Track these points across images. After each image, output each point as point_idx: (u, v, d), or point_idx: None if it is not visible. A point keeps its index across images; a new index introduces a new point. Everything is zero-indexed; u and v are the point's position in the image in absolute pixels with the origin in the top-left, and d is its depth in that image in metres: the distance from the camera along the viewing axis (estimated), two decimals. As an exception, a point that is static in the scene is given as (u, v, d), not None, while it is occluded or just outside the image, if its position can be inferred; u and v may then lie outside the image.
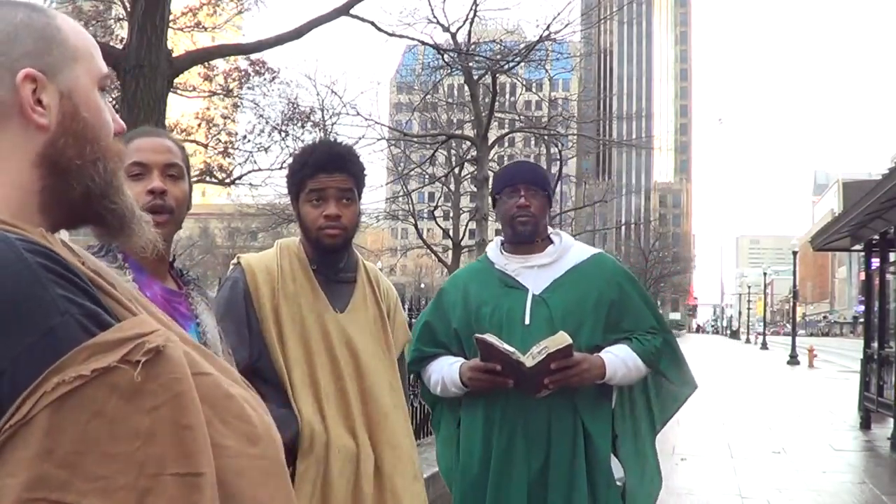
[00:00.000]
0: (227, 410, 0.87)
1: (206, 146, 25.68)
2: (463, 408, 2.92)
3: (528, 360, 2.65)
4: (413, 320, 5.03)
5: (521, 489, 2.74)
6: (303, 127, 26.70)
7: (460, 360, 2.88)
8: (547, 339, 2.69)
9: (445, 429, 3.08)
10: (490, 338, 2.70)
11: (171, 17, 10.73)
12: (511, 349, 2.67)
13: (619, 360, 2.81)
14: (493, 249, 3.02)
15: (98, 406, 0.79)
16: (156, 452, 0.79)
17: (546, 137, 28.83)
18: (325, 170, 2.44)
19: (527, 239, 2.90)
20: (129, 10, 9.29)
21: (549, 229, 3.02)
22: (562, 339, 2.68)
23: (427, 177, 34.49)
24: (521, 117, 30.12)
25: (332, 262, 2.51)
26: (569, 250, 2.96)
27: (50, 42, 1.00)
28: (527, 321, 2.80)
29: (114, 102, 20.10)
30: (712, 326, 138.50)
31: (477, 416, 2.84)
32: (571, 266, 2.91)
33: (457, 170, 31.63)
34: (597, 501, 2.76)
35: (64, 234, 1.02)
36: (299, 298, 2.46)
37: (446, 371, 2.87)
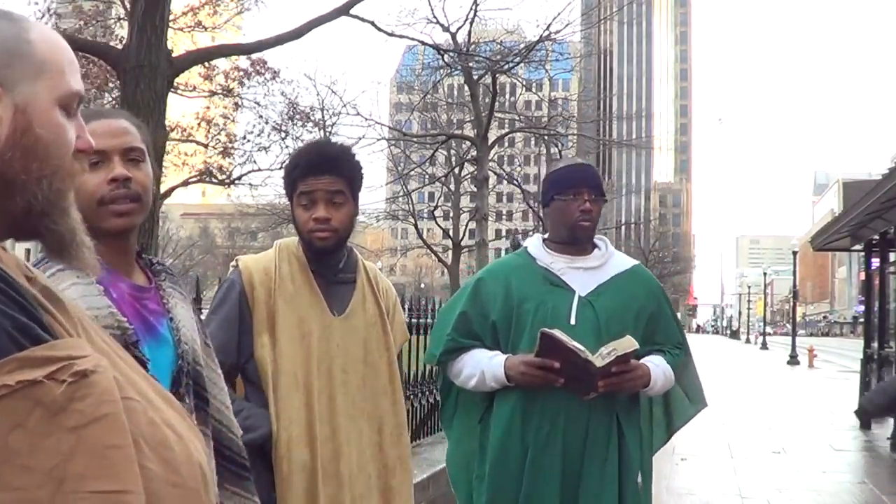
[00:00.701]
0: (151, 436, 0.88)
1: (206, 146, 25.70)
2: (497, 402, 2.86)
3: (598, 361, 2.64)
4: (412, 320, 5.01)
5: (555, 486, 2.73)
6: (303, 126, 26.70)
7: (498, 353, 2.83)
8: (615, 342, 2.70)
9: (460, 428, 3.03)
10: (558, 333, 2.66)
11: (171, 17, 10.73)
12: (581, 347, 2.65)
13: (660, 371, 2.85)
14: (537, 246, 2.97)
15: (20, 418, 0.79)
16: (77, 470, 0.79)
17: (546, 137, 28.81)
18: (313, 172, 2.42)
19: (584, 242, 2.91)
20: (129, 10, 9.29)
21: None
22: (629, 343, 2.70)
23: (427, 177, 34.47)
24: (521, 117, 30.11)
25: (329, 263, 2.49)
26: (612, 257, 2.97)
27: (12, 55, 0.99)
28: (572, 321, 2.79)
29: (114, 102, 20.01)
30: (712, 326, 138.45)
31: (515, 411, 2.80)
32: (616, 273, 2.93)
33: (457, 170, 31.61)
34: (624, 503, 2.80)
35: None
36: (298, 300, 2.44)
37: (487, 364, 2.81)
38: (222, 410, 1.94)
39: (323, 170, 2.42)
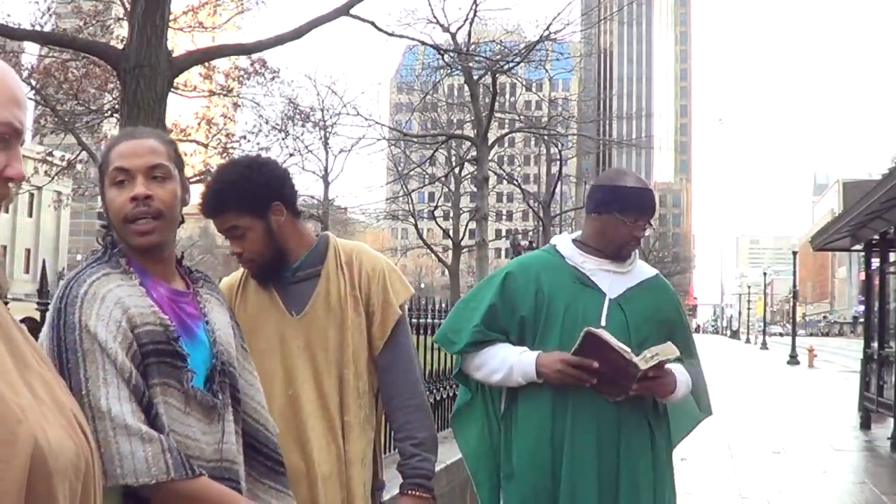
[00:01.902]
0: None
1: (206, 146, 25.70)
2: (524, 400, 2.83)
3: (642, 363, 2.65)
4: (412, 321, 4.99)
5: (593, 485, 2.73)
6: (303, 126, 26.68)
7: (527, 349, 2.81)
8: (657, 347, 2.71)
9: (481, 424, 2.98)
10: (605, 334, 2.66)
11: (171, 17, 10.72)
12: (626, 348, 2.65)
13: (684, 379, 2.87)
14: (566, 245, 2.95)
15: None
16: None
17: (546, 137, 28.83)
18: (210, 216, 2.43)
19: (623, 260, 2.91)
20: (128, 10, 9.29)
21: None
22: (671, 349, 2.71)
23: (427, 177, 34.49)
24: (521, 117, 30.12)
25: (278, 270, 2.45)
26: (638, 263, 2.98)
27: None
28: (603, 322, 2.78)
29: (114, 102, 19.94)
30: (712, 326, 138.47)
31: (544, 409, 2.78)
32: (642, 279, 2.94)
33: (457, 170, 31.63)
34: None
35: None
36: (258, 309, 2.43)
37: (516, 360, 2.78)
38: (259, 410, 2.05)
39: (214, 213, 2.42)
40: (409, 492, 2.42)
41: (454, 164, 30.94)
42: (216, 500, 1.75)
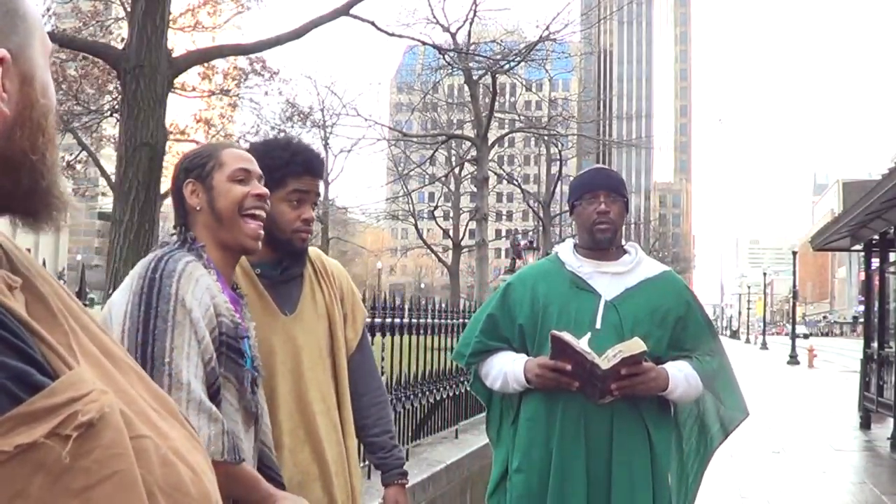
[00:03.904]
0: (166, 480, 0.76)
1: (205, 146, 25.69)
2: (523, 405, 2.90)
3: (604, 363, 2.64)
4: (412, 320, 5.00)
5: (581, 490, 2.74)
6: (302, 126, 26.67)
7: (524, 356, 2.87)
8: (622, 344, 2.69)
9: (502, 442, 3.02)
10: (567, 336, 2.68)
11: (171, 17, 10.72)
12: (588, 350, 2.66)
13: (682, 375, 2.83)
14: (566, 251, 3.00)
15: (20, 486, 0.67)
16: None
17: (546, 137, 28.84)
18: (311, 172, 2.39)
19: (606, 245, 2.91)
20: (128, 10, 9.28)
21: (623, 241, 3.04)
22: (637, 345, 2.68)
23: (427, 177, 34.52)
24: (521, 117, 30.14)
25: (283, 263, 2.42)
26: (642, 262, 2.98)
27: (15, 18, 0.84)
28: (598, 325, 2.81)
29: (114, 102, 19.88)
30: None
31: (538, 414, 2.84)
32: (644, 278, 2.93)
33: (457, 170, 31.65)
34: None
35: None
36: (248, 307, 2.39)
37: (510, 367, 2.86)
38: (266, 432, 2.06)
39: (318, 172, 2.42)
40: (397, 481, 2.53)
41: (454, 164, 30.96)
42: (249, 483, 1.83)
